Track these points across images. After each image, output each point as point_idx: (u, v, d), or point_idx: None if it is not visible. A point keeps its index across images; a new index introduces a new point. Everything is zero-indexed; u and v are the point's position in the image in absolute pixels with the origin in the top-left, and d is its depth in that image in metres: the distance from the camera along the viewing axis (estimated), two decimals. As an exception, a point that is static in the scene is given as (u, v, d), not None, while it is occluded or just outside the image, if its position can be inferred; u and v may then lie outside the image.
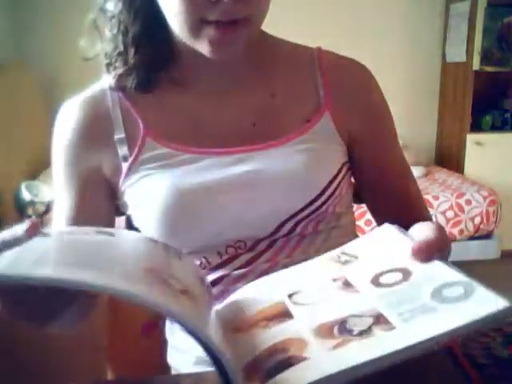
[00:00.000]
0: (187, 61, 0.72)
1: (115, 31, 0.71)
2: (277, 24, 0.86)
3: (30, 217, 1.95)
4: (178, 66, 0.74)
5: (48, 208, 1.99)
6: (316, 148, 0.72)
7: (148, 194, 0.71)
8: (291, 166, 0.70)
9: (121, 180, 0.73)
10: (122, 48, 0.72)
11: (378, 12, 3.24)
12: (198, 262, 0.71)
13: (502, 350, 0.48)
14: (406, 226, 0.82)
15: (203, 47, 0.66)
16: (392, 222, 0.84)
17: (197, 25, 0.63)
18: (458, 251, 2.53)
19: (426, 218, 0.85)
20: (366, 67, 0.80)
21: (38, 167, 2.24)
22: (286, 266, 0.71)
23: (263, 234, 0.70)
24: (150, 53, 0.72)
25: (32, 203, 1.92)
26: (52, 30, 2.89)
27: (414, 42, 3.35)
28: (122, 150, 0.73)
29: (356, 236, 0.82)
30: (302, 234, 0.72)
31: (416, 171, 2.81)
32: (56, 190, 0.78)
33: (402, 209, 0.82)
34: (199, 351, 0.42)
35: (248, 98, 0.75)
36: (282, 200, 0.70)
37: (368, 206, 0.85)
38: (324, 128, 0.74)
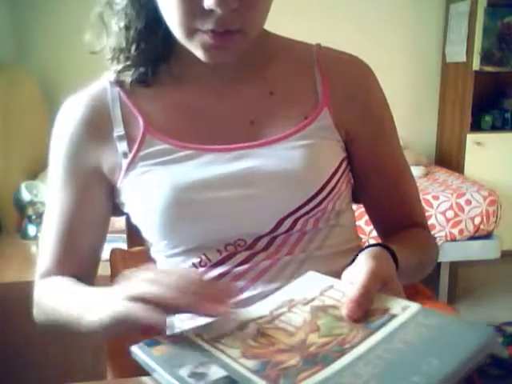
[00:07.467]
0: (186, 57, 0.73)
1: (121, 25, 0.72)
2: (276, 22, 0.86)
3: (29, 217, 1.94)
4: (178, 63, 0.75)
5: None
6: (315, 144, 0.72)
7: (148, 190, 0.71)
8: (290, 163, 0.70)
9: (120, 177, 0.73)
10: (124, 43, 0.73)
11: (378, 12, 3.24)
12: (197, 260, 0.72)
13: (502, 350, 0.48)
14: (399, 228, 0.81)
15: (197, 51, 0.67)
16: (386, 224, 0.83)
17: (192, 31, 0.64)
18: (458, 251, 2.52)
19: (421, 223, 0.84)
20: (365, 63, 0.80)
21: (38, 167, 2.24)
22: (287, 263, 0.71)
23: (263, 231, 0.70)
24: (151, 49, 0.73)
25: (32, 203, 1.91)
26: (52, 31, 2.89)
27: (414, 42, 3.35)
28: (122, 147, 0.73)
29: (356, 235, 0.82)
30: (302, 230, 0.71)
31: (416, 171, 2.80)
32: (51, 187, 0.78)
33: (397, 211, 0.82)
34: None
35: (246, 95, 0.75)
36: (281, 197, 0.70)
37: (364, 206, 0.85)
38: (322, 124, 0.74)
